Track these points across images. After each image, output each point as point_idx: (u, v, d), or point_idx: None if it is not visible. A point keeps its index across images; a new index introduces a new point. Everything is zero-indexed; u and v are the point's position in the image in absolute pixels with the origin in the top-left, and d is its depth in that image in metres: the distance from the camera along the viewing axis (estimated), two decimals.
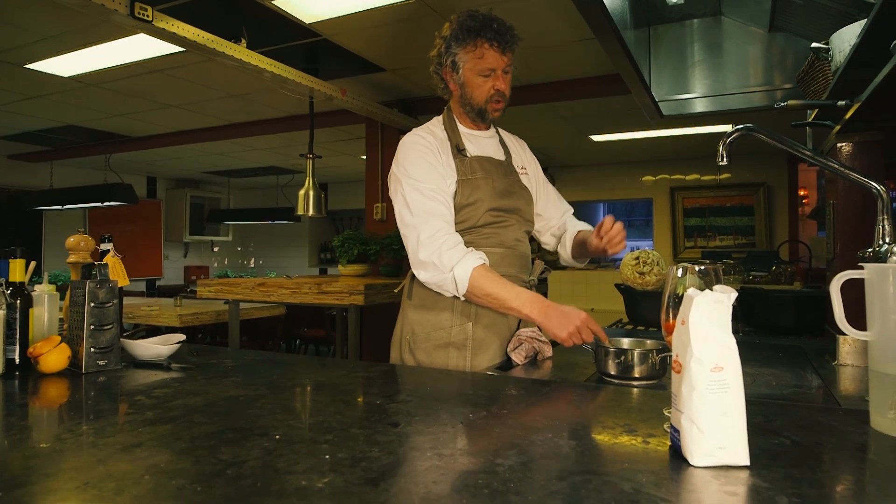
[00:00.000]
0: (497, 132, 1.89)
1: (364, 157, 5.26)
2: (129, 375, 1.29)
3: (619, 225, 1.67)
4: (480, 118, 1.77)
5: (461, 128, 1.79)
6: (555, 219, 1.97)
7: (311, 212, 4.16)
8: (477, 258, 1.56)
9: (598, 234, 1.69)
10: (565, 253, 1.95)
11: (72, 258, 1.57)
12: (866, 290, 0.91)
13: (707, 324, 0.73)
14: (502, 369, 1.58)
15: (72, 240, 1.57)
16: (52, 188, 7.42)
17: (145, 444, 0.82)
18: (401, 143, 1.72)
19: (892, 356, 0.87)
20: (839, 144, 1.65)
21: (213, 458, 0.76)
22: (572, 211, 2.02)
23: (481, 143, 1.80)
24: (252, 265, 10.93)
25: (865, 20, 1.27)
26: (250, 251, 10.96)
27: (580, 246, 1.87)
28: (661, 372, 1.37)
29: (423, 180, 1.63)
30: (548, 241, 2.02)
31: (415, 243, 1.59)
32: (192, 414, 0.96)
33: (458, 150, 1.72)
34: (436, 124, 1.79)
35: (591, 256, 1.86)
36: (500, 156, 1.82)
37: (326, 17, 3.28)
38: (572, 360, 1.68)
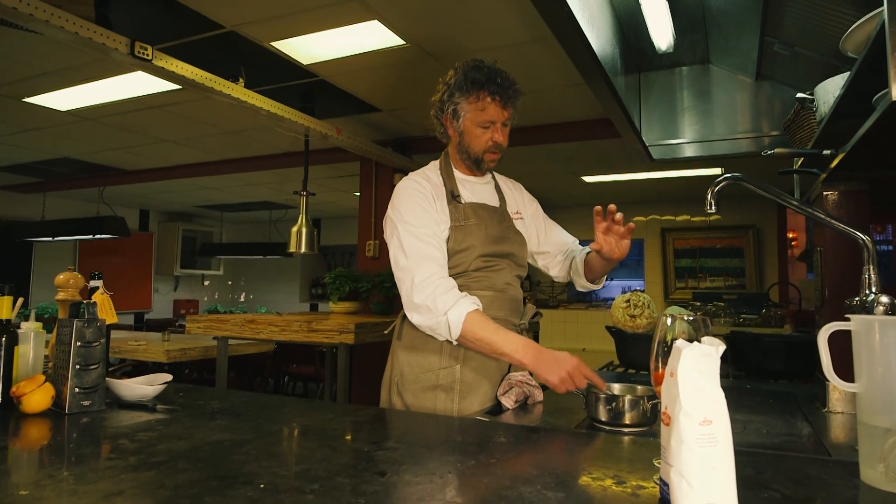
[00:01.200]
0: (493, 177, 1.91)
1: (358, 193, 5.29)
2: (113, 417, 1.27)
3: (612, 206, 1.63)
4: (476, 166, 1.79)
5: (457, 174, 1.81)
6: (560, 253, 1.97)
7: (303, 249, 4.16)
8: (471, 303, 1.57)
9: (598, 224, 1.66)
10: (579, 278, 1.91)
11: (60, 295, 1.55)
12: (853, 342, 0.92)
13: (695, 376, 0.73)
14: (492, 413, 1.57)
15: (61, 277, 1.56)
16: (44, 220, 7.41)
17: (127, 492, 0.80)
18: (397, 187, 1.74)
19: (879, 408, 0.87)
20: (825, 193, 1.68)
21: None
22: (577, 241, 2.01)
23: (476, 189, 1.82)
24: (242, 299, 10.86)
25: (849, 73, 1.31)
26: (241, 285, 10.91)
27: (591, 264, 1.83)
28: (653, 419, 1.36)
29: (418, 225, 1.64)
30: (558, 275, 1.99)
31: (409, 286, 1.59)
32: (176, 460, 0.95)
33: (453, 196, 1.74)
34: (432, 169, 1.81)
35: (605, 267, 1.79)
36: (495, 202, 1.84)
37: (323, 59, 3.34)
38: (563, 405, 1.67)
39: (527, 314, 1.84)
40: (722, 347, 0.75)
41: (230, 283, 10.85)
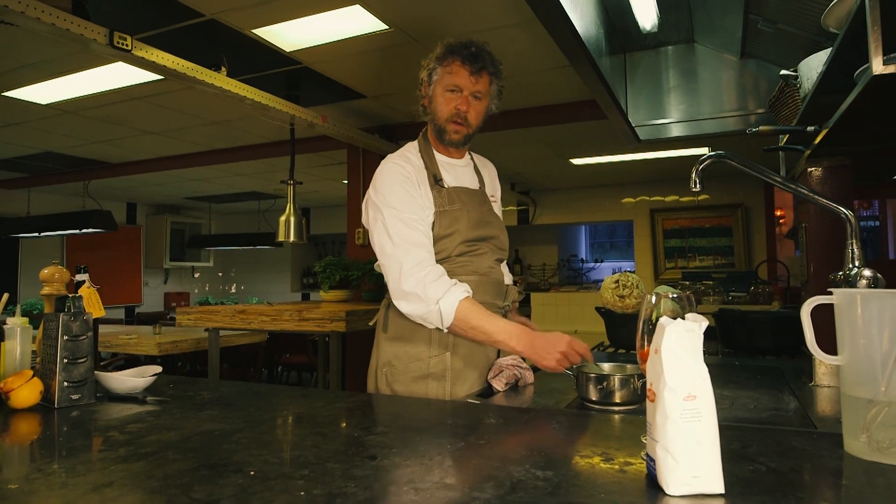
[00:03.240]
0: (472, 159, 1.89)
1: (346, 181, 5.26)
2: (102, 410, 1.27)
3: None
4: (440, 138, 1.75)
5: (437, 155, 1.78)
6: None
7: (292, 238, 4.15)
8: (462, 291, 1.55)
9: None
10: None
11: (45, 290, 1.54)
12: (836, 315, 0.93)
13: (679, 353, 0.74)
14: (483, 396, 1.57)
15: (46, 271, 1.55)
16: (30, 215, 7.33)
17: (117, 483, 0.80)
18: (378, 170, 1.71)
19: (862, 380, 0.88)
20: (809, 169, 1.69)
21: (186, 496, 0.74)
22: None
23: (457, 171, 1.80)
24: (233, 291, 10.83)
25: (831, 49, 1.31)
26: (232, 277, 10.87)
27: None
28: (642, 397, 1.37)
29: (404, 209, 1.62)
30: None
31: (397, 274, 1.57)
32: (166, 450, 0.95)
33: (436, 180, 1.71)
34: (412, 150, 1.77)
35: None
36: (475, 184, 1.82)
37: (306, 46, 3.30)
38: (553, 386, 1.68)
39: (509, 296, 1.84)
40: (705, 323, 0.76)
41: (220, 274, 10.81)
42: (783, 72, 1.78)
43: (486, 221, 1.76)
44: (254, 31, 3.10)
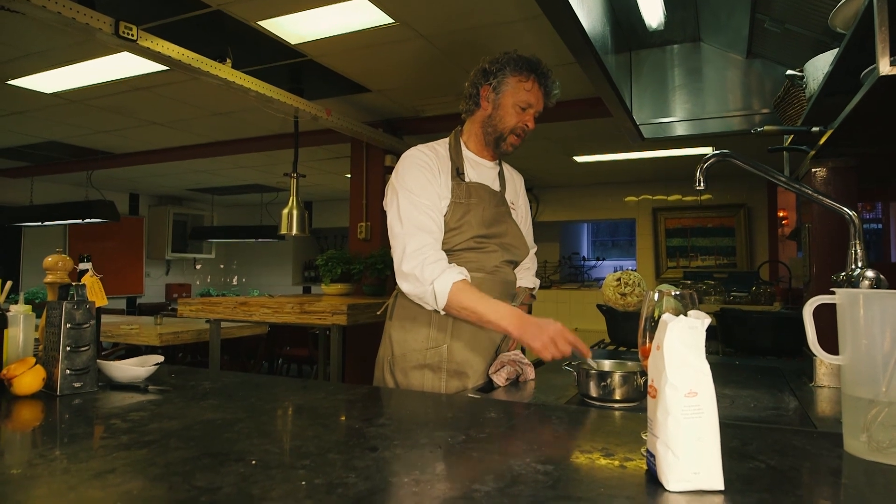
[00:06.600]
0: (500, 164, 1.91)
1: (349, 175, 5.26)
2: (104, 398, 1.27)
3: None
4: (496, 145, 1.79)
5: (467, 153, 1.81)
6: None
7: (294, 231, 4.15)
8: (457, 273, 1.59)
9: None
10: None
11: (49, 278, 1.54)
12: (838, 315, 0.93)
13: (681, 349, 0.74)
14: (484, 391, 1.58)
15: (49, 260, 1.55)
16: (32, 204, 7.34)
17: (119, 470, 0.81)
18: (403, 156, 1.74)
19: (863, 380, 0.88)
20: (814, 169, 1.68)
21: (188, 484, 0.75)
22: (535, 249, 2.04)
23: (482, 170, 1.82)
24: (235, 283, 10.84)
25: (837, 49, 1.31)
26: (233, 269, 10.88)
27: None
28: (643, 394, 1.37)
29: (418, 194, 1.65)
30: None
31: (400, 255, 1.61)
32: (168, 438, 0.95)
33: (458, 172, 1.75)
34: (441, 144, 1.81)
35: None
36: (497, 186, 1.85)
37: (311, 39, 3.30)
38: (554, 383, 1.68)
39: (519, 297, 1.85)
40: (707, 320, 0.76)
41: (222, 266, 10.82)
42: (789, 72, 1.78)
43: (498, 221, 1.78)
44: (259, 22, 3.10)
